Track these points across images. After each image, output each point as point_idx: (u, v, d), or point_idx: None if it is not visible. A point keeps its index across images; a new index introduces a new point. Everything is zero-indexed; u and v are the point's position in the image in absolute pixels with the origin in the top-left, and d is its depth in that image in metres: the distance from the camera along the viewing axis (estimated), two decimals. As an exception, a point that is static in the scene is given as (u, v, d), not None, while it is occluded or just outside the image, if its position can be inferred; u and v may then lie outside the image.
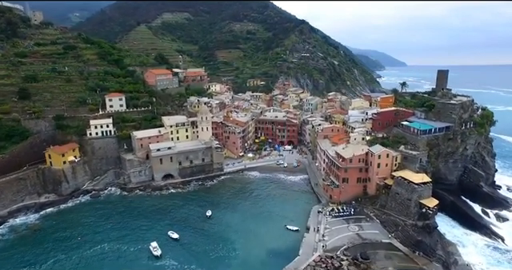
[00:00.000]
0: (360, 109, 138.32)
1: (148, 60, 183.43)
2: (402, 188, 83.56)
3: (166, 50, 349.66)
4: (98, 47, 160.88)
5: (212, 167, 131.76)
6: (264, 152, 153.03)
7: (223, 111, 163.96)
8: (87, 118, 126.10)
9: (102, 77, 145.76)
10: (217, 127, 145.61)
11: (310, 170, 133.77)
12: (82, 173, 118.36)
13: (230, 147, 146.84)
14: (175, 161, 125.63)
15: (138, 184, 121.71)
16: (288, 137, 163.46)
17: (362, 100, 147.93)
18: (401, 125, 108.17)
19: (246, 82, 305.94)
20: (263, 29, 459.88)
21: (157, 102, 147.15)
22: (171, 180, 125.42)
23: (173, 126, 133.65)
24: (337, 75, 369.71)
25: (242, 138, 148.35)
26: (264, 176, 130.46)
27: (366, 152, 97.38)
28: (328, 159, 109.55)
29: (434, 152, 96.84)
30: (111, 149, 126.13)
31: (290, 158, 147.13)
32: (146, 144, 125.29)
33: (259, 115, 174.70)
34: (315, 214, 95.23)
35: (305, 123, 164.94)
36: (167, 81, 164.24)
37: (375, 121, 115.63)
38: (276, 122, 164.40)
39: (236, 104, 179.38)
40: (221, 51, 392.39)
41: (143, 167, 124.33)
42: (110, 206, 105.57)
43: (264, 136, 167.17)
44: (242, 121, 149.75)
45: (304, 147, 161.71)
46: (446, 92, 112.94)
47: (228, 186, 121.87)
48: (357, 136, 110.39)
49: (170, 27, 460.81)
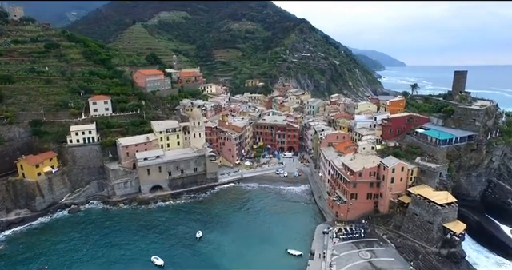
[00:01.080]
0: (367, 113, 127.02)
1: (139, 59, 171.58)
2: (422, 209, 72.10)
3: (162, 50, 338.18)
4: (83, 46, 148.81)
5: (205, 177, 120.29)
6: (262, 160, 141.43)
7: (219, 115, 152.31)
8: (68, 123, 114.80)
9: (86, 78, 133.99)
10: (211, 132, 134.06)
11: (313, 180, 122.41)
12: (61, 185, 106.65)
13: (225, 154, 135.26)
14: (164, 171, 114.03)
15: (123, 197, 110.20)
16: (288, 143, 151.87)
17: (368, 103, 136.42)
18: (415, 132, 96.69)
19: (245, 83, 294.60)
20: (262, 28, 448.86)
21: (146, 105, 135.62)
22: (160, 192, 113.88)
23: (162, 132, 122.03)
24: (338, 75, 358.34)
25: (239, 145, 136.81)
26: (262, 188, 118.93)
27: (377, 165, 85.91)
28: (334, 171, 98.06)
29: (454, 165, 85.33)
30: (94, 158, 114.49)
31: (291, 166, 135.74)
32: (132, 152, 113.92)
33: (257, 119, 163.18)
34: (320, 235, 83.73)
35: (306, 127, 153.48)
36: (158, 82, 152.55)
37: (386, 127, 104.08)
38: (275, 127, 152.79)
39: (233, 107, 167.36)
40: (218, 51, 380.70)
41: (129, 178, 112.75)
42: (89, 223, 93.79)
43: (262, 142, 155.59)
44: (238, 125, 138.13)
45: (305, 153, 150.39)
46: (464, 95, 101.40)
47: (222, 199, 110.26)
48: (366, 146, 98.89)
49: (166, 26, 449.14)
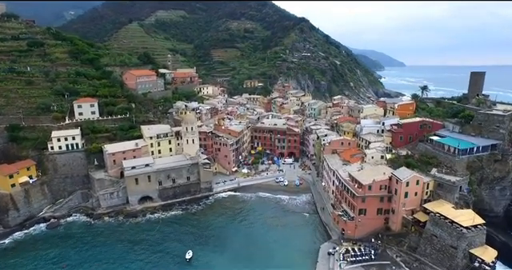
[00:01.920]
0: (373, 117, 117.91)
1: (131, 59, 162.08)
2: (443, 231, 63.04)
3: (159, 49, 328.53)
4: (70, 44, 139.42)
5: (199, 187, 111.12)
6: (261, 167, 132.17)
7: (214, 118, 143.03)
8: (50, 128, 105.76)
9: (72, 79, 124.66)
10: (206, 138, 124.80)
11: (315, 190, 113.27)
12: (40, 197, 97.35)
13: (221, 161, 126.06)
14: (154, 181, 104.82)
15: (109, 209, 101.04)
16: (289, 148, 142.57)
17: (375, 106, 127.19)
18: (429, 140, 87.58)
19: (243, 83, 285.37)
20: (261, 27, 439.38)
21: (136, 109, 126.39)
22: (149, 203, 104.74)
23: (153, 138, 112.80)
24: (339, 76, 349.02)
25: (236, 151, 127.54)
26: (261, 198, 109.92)
27: (389, 177, 76.80)
28: (339, 182, 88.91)
29: (475, 178, 76.29)
30: (78, 166, 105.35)
31: (291, 174, 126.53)
32: (119, 159, 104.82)
33: (256, 122, 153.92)
34: (325, 257, 74.61)
35: (308, 132, 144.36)
36: (150, 83, 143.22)
37: (396, 134, 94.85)
38: (275, 131, 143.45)
39: (230, 109, 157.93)
40: (217, 50, 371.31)
41: (116, 188, 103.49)
42: (68, 240, 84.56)
43: (261, 147, 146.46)
44: (235, 130, 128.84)
45: (307, 159, 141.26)
46: (482, 99, 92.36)
47: (216, 212, 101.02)
48: (374, 154, 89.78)
49: (164, 25, 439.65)
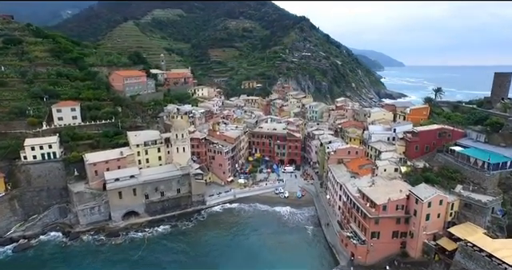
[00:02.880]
0: (383, 123, 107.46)
1: (120, 59, 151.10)
2: (477, 265, 52.45)
3: (154, 48, 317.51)
4: (52, 42, 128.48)
5: (190, 200, 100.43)
6: (259, 176, 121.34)
7: (209, 122, 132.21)
8: (24, 135, 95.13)
9: (52, 81, 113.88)
10: (199, 145, 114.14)
11: (319, 203, 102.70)
12: (8, 214, 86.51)
13: (215, 170, 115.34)
14: (140, 194, 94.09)
15: (90, 226, 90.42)
16: (289, 155, 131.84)
17: (383, 110, 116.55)
18: (450, 150, 77.08)
19: (241, 84, 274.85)
20: (260, 26, 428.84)
21: (123, 113, 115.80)
22: (135, 219, 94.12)
23: (140, 145, 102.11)
24: (341, 76, 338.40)
25: (232, 159, 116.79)
26: (259, 212, 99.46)
27: (406, 195, 66.28)
28: (347, 197, 78.39)
29: (509, 197, 65.80)
30: (55, 178, 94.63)
31: (292, 184, 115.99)
32: (102, 170, 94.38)
33: (254, 126, 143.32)
34: (333, 289, 64.19)
35: (310, 137, 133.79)
36: (139, 84, 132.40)
37: (411, 143, 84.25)
38: (274, 136, 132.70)
39: (226, 113, 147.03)
40: (214, 50, 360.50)
41: (98, 202, 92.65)
42: (35, 267, 73.71)
43: (259, 154, 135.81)
44: (231, 136, 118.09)
45: (309, 168, 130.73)
46: (510, 103, 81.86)
47: (209, 229, 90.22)
48: (387, 167, 79.22)
49: (160, 24, 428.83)
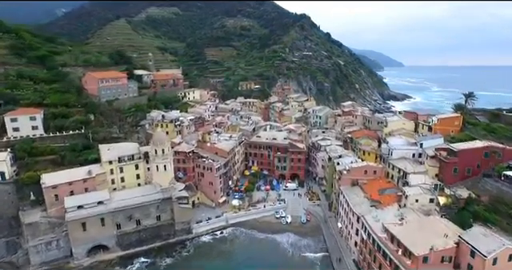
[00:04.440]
0: (404, 134, 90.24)
1: (99, 58, 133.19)
2: None
3: (145, 47, 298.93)
4: (14, 37, 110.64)
5: (173, 229, 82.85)
6: (257, 195, 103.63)
7: (199, 132, 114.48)
8: (-31, 151, 77.68)
9: (11, 83, 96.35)
10: (186, 159, 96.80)
11: (328, 230, 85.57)
12: None
13: (205, 189, 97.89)
14: (110, 224, 76.57)
15: (44, 266, 72.82)
16: (291, 169, 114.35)
17: (402, 119, 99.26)
18: (503, 176, 59.86)
19: (238, 85, 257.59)
20: (259, 25, 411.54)
21: (96, 121, 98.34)
22: (103, 254, 76.73)
23: (114, 162, 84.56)
24: (343, 77, 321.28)
25: (224, 175, 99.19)
26: (256, 243, 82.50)
27: (455, 243, 49.05)
28: (368, 235, 61.15)
29: None
30: (4, 204, 77.35)
31: (296, 205, 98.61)
32: (64, 193, 77.29)
33: (251, 135, 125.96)
34: None
35: (315, 148, 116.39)
36: (119, 87, 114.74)
37: (448, 164, 66.74)
38: (274, 147, 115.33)
39: (219, 119, 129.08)
40: (211, 49, 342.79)
41: (57, 234, 75.14)
42: None
43: (257, 167, 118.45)
44: (224, 149, 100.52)
45: (314, 184, 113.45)
46: None
47: (195, 267, 72.91)
48: (419, 197, 61.86)
49: (154, 22, 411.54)
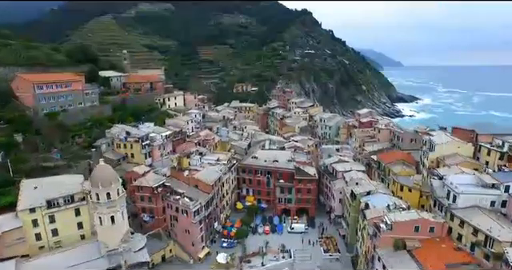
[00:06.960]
0: (461, 163, 62.66)
1: (51, 56, 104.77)
2: None
3: (131, 45, 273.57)
4: None
5: (124, 313, 55.10)
6: (252, 242, 75.64)
7: (176, 154, 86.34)
8: None
9: None
10: (153, 197, 69.01)
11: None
12: None
13: (180, 237, 69.94)
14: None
15: None
16: (298, 202, 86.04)
17: (454, 140, 71.08)
18: None
19: (233, 87, 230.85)
20: (257, 22, 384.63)
21: (27, 144, 70.24)
22: None
23: (39, 208, 56.27)
24: (349, 77, 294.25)
25: (206, 220, 71.16)
26: None
27: None
28: None
29: None
30: None
31: (306, 260, 70.73)
32: (-47, 263, 48.89)
33: (245, 154, 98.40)
34: None
35: (329, 173, 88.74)
36: (68, 95, 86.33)
37: None
38: (275, 172, 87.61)
39: (204, 134, 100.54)
40: (204, 47, 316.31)
41: None
42: None
43: (253, 197, 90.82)
44: (205, 181, 72.37)
45: (326, 219, 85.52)
46: None
47: None
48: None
49: (145, 19, 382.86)
